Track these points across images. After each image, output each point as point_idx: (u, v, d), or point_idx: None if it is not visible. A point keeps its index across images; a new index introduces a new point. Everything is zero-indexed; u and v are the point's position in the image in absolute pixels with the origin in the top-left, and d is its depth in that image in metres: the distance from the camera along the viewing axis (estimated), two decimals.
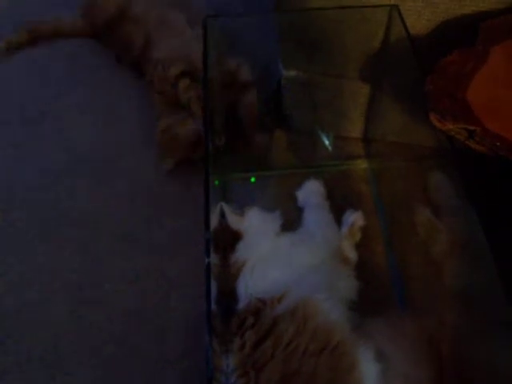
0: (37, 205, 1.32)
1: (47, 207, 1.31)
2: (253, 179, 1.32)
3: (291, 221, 1.13)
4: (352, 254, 1.11)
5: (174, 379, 1.06)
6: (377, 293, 1.10)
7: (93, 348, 1.10)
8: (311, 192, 1.21)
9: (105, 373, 1.08)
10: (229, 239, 1.03)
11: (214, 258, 0.98)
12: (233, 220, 1.05)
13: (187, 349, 1.08)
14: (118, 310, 1.15)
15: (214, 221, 1.04)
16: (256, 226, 1.06)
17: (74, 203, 1.32)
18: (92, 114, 1.50)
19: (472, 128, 0.86)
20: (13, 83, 1.60)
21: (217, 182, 1.21)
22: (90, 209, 1.31)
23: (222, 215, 1.05)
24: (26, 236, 1.27)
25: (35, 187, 1.35)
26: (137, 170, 1.37)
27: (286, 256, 1.03)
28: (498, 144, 0.84)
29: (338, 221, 1.16)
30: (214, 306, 0.90)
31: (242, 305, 0.95)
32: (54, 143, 1.44)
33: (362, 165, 1.34)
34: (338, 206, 1.18)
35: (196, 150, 1.31)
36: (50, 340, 1.12)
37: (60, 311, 1.15)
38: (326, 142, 1.36)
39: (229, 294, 0.97)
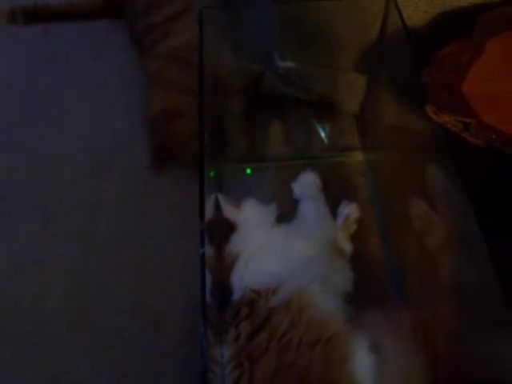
0: (35, 194, 1.31)
1: (46, 196, 1.31)
2: (248, 171, 1.32)
3: (286, 213, 1.13)
4: (347, 246, 1.11)
5: (171, 369, 1.06)
6: (372, 285, 1.10)
7: (91, 338, 1.10)
8: (307, 184, 1.20)
9: (103, 362, 1.08)
10: (223, 230, 1.03)
11: (208, 250, 0.98)
12: (228, 211, 1.05)
13: (184, 339, 1.08)
14: (115, 300, 1.15)
15: (209, 211, 1.04)
16: (251, 218, 1.06)
17: (72, 192, 1.32)
18: (92, 103, 1.49)
19: (468, 120, 0.86)
20: (12, 70, 1.59)
21: (212, 174, 1.21)
22: (89, 198, 1.31)
23: (217, 206, 1.05)
24: (24, 225, 1.27)
25: (34, 176, 1.35)
26: (135, 160, 1.36)
27: (280, 248, 1.02)
28: (494, 137, 0.84)
29: (334, 213, 1.16)
30: (208, 298, 0.90)
31: (236, 296, 0.95)
32: (52, 132, 1.43)
33: (357, 157, 1.34)
34: (333, 197, 1.18)
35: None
36: (49, 329, 1.12)
37: (58, 301, 1.15)
38: (322, 134, 1.36)
39: (223, 286, 0.97)
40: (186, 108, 1.29)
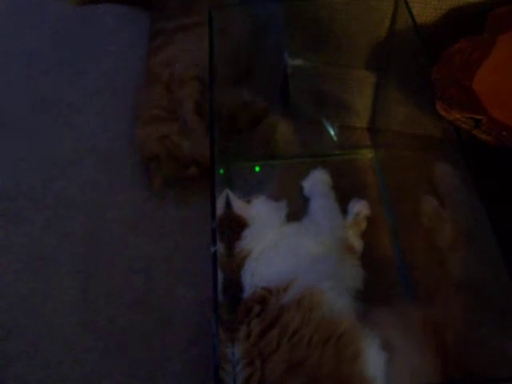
0: (43, 193, 1.32)
1: (54, 196, 1.32)
2: (257, 168, 1.32)
3: (297, 210, 1.13)
4: (357, 243, 1.11)
5: (181, 367, 1.06)
6: (382, 282, 1.10)
7: (99, 337, 1.11)
8: (317, 181, 1.21)
9: (111, 361, 1.08)
10: (234, 227, 1.03)
11: (219, 247, 0.98)
12: (238, 207, 1.06)
13: (193, 337, 1.09)
14: (124, 299, 1.15)
15: (220, 208, 1.04)
16: (262, 215, 1.06)
17: (80, 192, 1.32)
18: (102, 103, 1.50)
19: (478, 117, 0.86)
20: (20, 71, 1.60)
21: (221, 171, 1.21)
22: (97, 198, 1.31)
23: (228, 204, 1.05)
24: (32, 225, 1.28)
25: (42, 176, 1.36)
26: None
27: (291, 245, 1.03)
28: (505, 133, 0.84)
29: (344, 210, 1.16)
30: (220, 296, 0.90)
31: (247, 294, 0.95)
32: (61, 133, 1.44)
33: (368, 154, 1.34)
34: (343, 195, 1.18)
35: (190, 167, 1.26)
36: (57, 329, 1.13)
37: (66, 300, 1.16)
38: (332, 132, 1.36)
39: (234, 284, 0.97)
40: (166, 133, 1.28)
